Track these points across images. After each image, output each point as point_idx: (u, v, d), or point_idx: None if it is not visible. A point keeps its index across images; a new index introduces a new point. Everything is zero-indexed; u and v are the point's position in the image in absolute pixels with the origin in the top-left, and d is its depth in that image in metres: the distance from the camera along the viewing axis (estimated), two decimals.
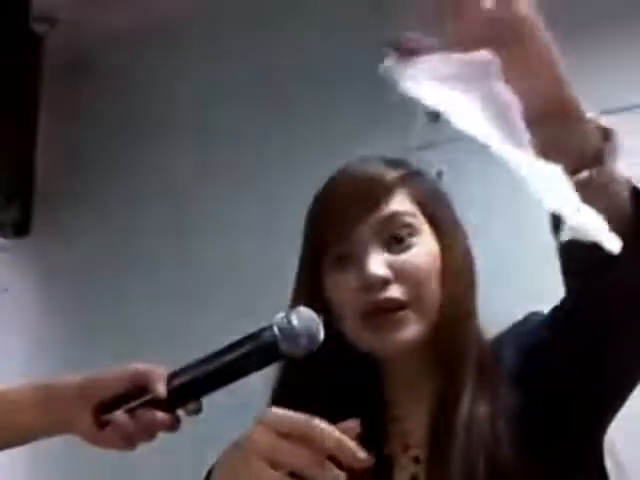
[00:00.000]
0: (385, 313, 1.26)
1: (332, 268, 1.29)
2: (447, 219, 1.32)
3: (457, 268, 1.29)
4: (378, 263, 1.25)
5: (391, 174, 1.30)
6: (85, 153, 3.17)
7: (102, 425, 1.28)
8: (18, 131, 3.12)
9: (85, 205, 3.11)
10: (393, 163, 1.33)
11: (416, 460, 1.28)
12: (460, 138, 0.89)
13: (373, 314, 1.26)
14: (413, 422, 1.30)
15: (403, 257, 1.27)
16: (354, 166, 1.32)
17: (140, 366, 1.29)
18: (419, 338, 1.27)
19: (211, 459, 1.18)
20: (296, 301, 1.32)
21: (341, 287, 1.28)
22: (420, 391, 1.30)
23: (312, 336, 1.24)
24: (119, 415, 1.26)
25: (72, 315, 3.06)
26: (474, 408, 1.23)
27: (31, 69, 3.19)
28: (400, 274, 1.26)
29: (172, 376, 1.28)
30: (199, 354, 1.27)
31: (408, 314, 1.26)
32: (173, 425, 1.27)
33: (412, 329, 1.26)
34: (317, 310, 1.25)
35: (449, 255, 1.29)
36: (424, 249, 1.28)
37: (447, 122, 0.84)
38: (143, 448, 1.30)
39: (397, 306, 1.26)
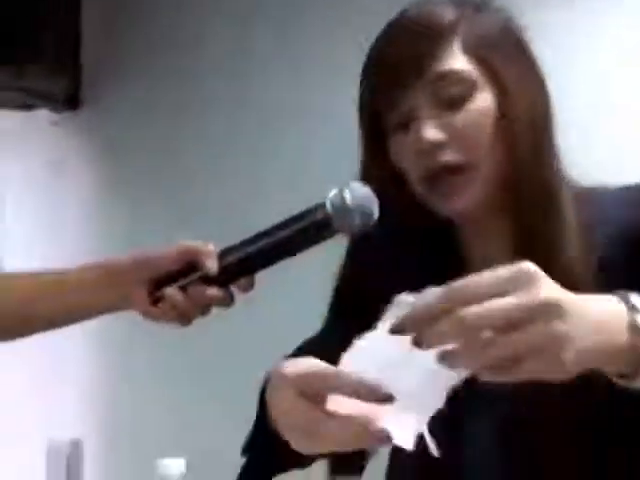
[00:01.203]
0: (443, 178, 1.22)
1: (392, 133, 1.25)
2: (511, 66, 1.23)
3: (523, 121, 1.22)
4: (431, 126, 1.21)
5: (447, 18, 1.23)
6: (134, 22, 3.12)
7: (157, 301, 1.29)
8: None
9: (135, 77, 3.08)
10: (451, 2, 1.25)
11: None
12: None
13: (432, 179, 1.22)
14: None
15: (458, 118, 1.21)
16: (407, 15, 1.25)
17: (191, 243, 1.29)
18: (481, 201, 1.23)
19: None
20: (363, 171, 1.28)
21: (401, 152, 1.25)
22: (497, 249, 1.25)
23: (366, 212, 1.22)
24: (171, 290, 1.27)
25: (127, 190, 3.07)
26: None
27: None
28: (456, 136, 1.21)
29: (224, 253, 1.28)
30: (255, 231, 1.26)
31: (467, 177, 1.22)
32: (226, 301, 1.27)
33: (472, 193, 1.22)
34: (383, 177, 1.22)
35: (511, 108, 1.22)
36: (481, 106, 1.22)
37: None
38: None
39: (454, 170, 1.21)
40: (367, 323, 1.16)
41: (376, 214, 1.22)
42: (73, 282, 1.38)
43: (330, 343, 1.02)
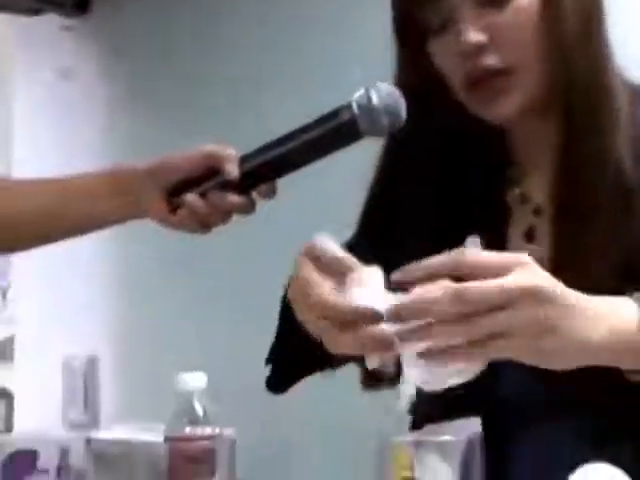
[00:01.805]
0: (485, 82, 1.17)
1: (432, 36, 1.20)
2: None
3: (570, 10, 1.16)
4: (473, 28, 1.16)
5: None
6: None
7: (175, 209, 1.25)
8: None
9: None
10: None
11: (536, 212, 1.23)
12: None
13: (474, 83, 1.18)
14: (537, 179, 1.23)
15: (501, 17, 1.16)
16: None
17: (212, 147, 1.25)
18: (528, 104, 1.18)
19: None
20: (399, 78, 1.24)
21: (441, 57, 1.20)
22: (546, 150, 1.22)
23: (393, 112, 1.18)
24: (190, 197, 1.23)
25: (139, 98, 3.01)
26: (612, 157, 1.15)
27: None
28: (498, 37, 1.16)
29: (245, 158, 1.24)
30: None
31: (511, 80, 1.17)
32: (247, 207, 1.23)
33: (515, 96, 1.18)
34: (422, 83, 1.19)
35: (556, 3, 1.16)
36: (524, 3, 1.16)
37: None
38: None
39: (497, 74, 1.17)
40: (394, 242, 1.14)
41: (404, 115, 1.18)
42: (76, 188, 1.33)
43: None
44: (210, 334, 2.77)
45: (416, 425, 1.09)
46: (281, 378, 1.28)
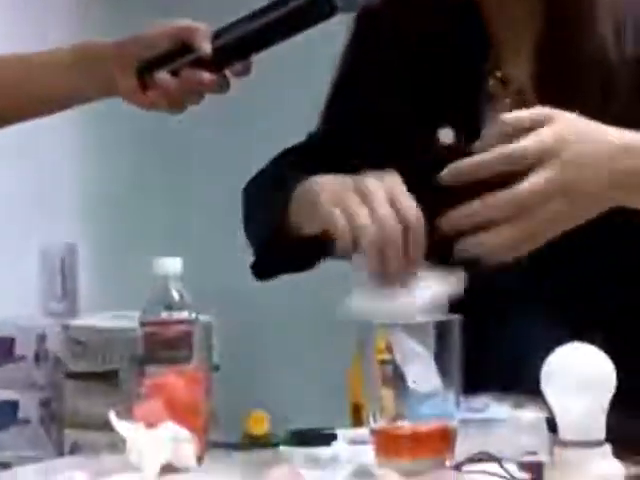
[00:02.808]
0: None
1: None
2: None
3: None
4: None
5: None
6: None
7: (146, 88, 1.21)
8: None
9: None
10: None
11: (518, 93, 1.21)
12: None
13: None
14: (517, 61, 1.21)
15: None
16: None
17: (184, 22, 1.20)
18: None
19: None
20: None
21: None
22: (526, 33, 1.20)
23: None
24: (162, 75, 1.19)
25: None
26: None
27: None
28: None
29: (218, 34, 1.20)
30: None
31: None
32: (221, 86, 1.20)
33: None
34: None
35: None
36: None
37: None
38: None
39: None
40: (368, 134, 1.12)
41: None
42: (41, 63, 1.28)
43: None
44: (187, 221, 2.76)
45: None
46: (267, 267, 1.27)
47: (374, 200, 1.02)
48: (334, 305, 1.19)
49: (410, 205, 1.02)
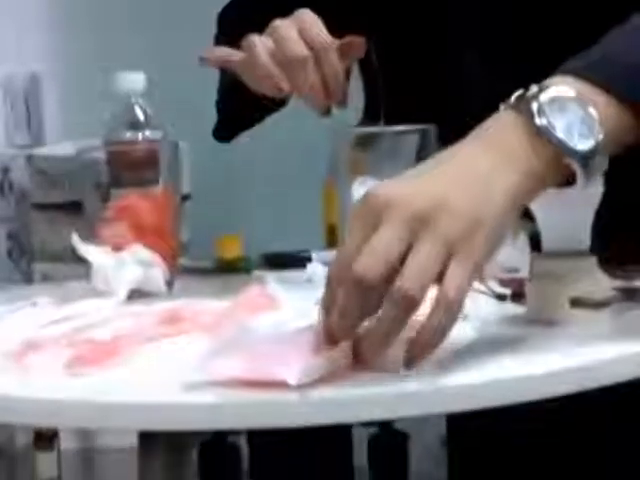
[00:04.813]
0: None
1: None
2: None
3: None
4: None
5: None
6: None
7: None
8: None
9: None
10: None
11: None
12: None
13: None
14: None
15: None
16: None
17: None
18: None
19: None
20: None
21: None
22: None
23: None
24: None
25: None
26: None
27: None
28: None
29: None
30: None
31: None
32: None
33: None
34: None
35: None
36: None
37: None
38: None
39: None
40: None
41: None
42: None
43: None
44: (154, 39, 2.71)
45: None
46: (227, 128, 1.25)
47: (278, 29, 1.00)
48: (308, 126, 1.15)
49: (317, 32, 0.99)
